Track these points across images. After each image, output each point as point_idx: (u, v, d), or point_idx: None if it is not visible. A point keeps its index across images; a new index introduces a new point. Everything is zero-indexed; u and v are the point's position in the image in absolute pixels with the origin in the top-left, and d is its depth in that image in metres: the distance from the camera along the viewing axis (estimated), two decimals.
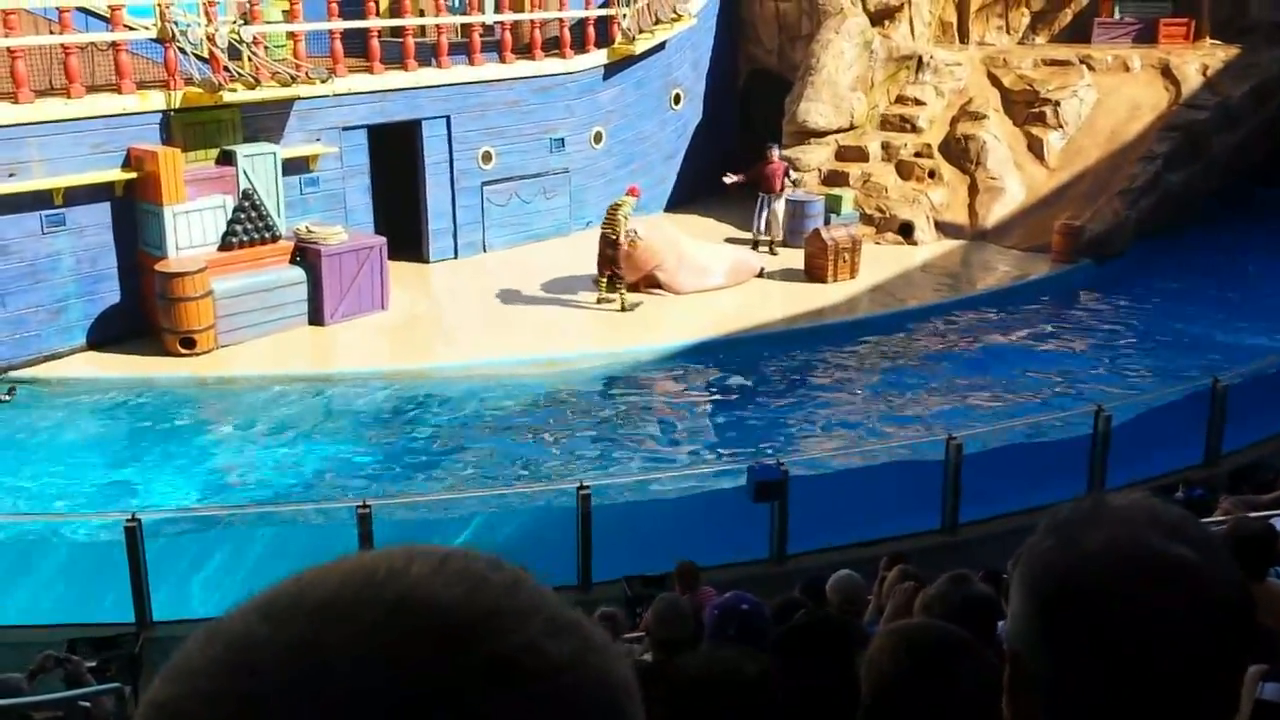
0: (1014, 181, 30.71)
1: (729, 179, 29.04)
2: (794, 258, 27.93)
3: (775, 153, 29.21)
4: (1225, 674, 1.66)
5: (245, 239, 23.45)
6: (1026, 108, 31.88)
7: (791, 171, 29.19)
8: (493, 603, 1.01)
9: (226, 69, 23.40)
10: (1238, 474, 16.47)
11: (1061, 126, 31.28)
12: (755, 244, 28.60)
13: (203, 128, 23.59)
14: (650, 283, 26.01)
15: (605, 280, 25.53)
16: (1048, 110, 31.48)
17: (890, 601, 8.22)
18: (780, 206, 28.73)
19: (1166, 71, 31.87)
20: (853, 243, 27.40)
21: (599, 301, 25.60)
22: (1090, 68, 32.38)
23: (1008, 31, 35.90)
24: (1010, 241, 29.81)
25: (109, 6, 22.72)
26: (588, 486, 14.90)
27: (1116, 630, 1.62)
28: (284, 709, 0.94)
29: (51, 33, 22.44)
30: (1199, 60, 32.00)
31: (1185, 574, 1.64)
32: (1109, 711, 1.63)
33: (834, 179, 30.68)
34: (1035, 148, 31.19)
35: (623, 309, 25.34)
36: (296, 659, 0.96)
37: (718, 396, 22.40)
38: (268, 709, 0.94)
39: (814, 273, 27.14)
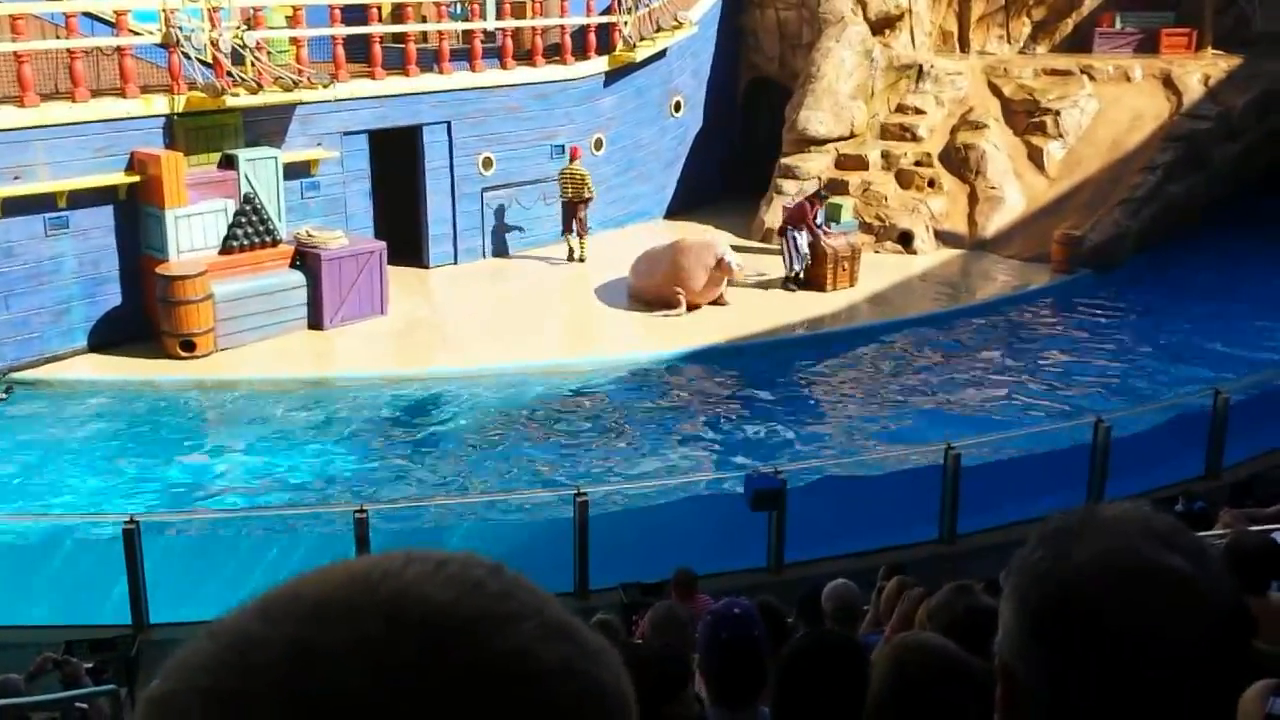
0: (1014, 191, 30.70)
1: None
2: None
3: (805, 193, 29.10)
4: (1221, 685, 1.65)
5: (246, 242, 23.48)
6: (1027, 117, 31.87)
7: (819, 215, 28.11)
8: (484, 606, 1.02)
9: (229, 74, 23.43)
10: (1240, 487, 16.44)
11: (1062, 136, 31.27)
12: (787, 278, 27.86)
13: (205, 132, 23.63)
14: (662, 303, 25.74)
15: (574, 235, 28.87)
16: (1048, 120, 31.48)
17: (898, 608, 8.23)
18: (803, 238, 27.81)
19: (1168, 81, 31.84)
20: (852, 251, 27.40)
21: (575, 256, 29.08)
22: (1091, 77, 32.36)
23: (1008, 41, 35.90)
24: (1010, 251, 29.80)
25: (114, 11, 22.78)
26: (585, 493, 14.90)
27: (1109, 642, 1.61)
28: (275, 707, 0.96)
29: (58, 37, 22.48)
30: (1201, 70, 31.97)
31: (1178, 584, 1.63)
32: None
33: (834, 187, 30.65)
34: (1035, 157, 31.18)
35: (580, 256, 28.86)
36: (289, 658, 0.98)
37: (716, 404, 22.38)
38: (260, 706, 0.96)
39: (814, 281, 27.11)
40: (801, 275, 27.14)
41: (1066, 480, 16.28)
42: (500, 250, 29.29)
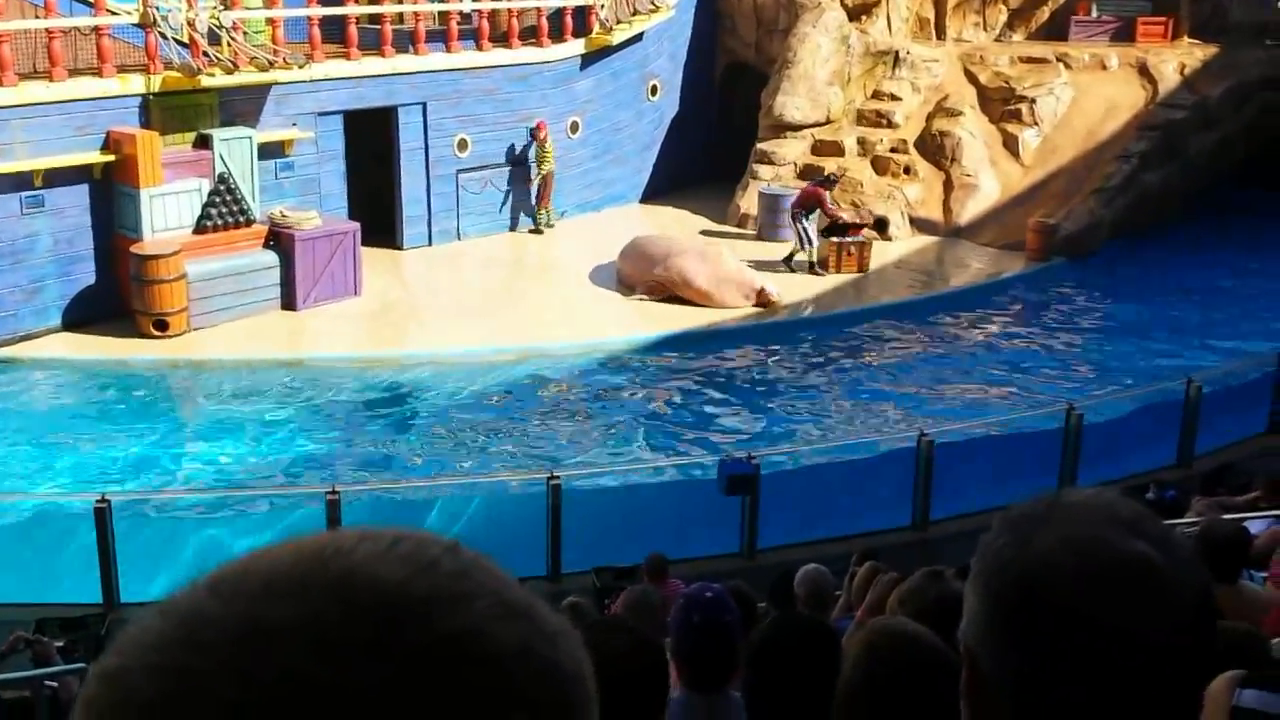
0: (989, 178, 30.73)
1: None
2: (773, 250, 27.88)
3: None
4: (1186, 674, 1.64)
5: (220, 222, 23.40)
6: (1002, 105, 31.91)
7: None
8: (438, 585, 1.00)
9: (206, 54, 23.36)
10: (1211, 476, 16.49)
11: (1037, 124, 31.31)
12: (790, 256, 27.80)
13: (180, 111, 23.55)
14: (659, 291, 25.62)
15: (544, 209, 30.08)
16: (1024, 108, 31.51)
17: (870, 594, 8.24)
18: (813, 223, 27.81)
19: (1144, 70, 31.91)
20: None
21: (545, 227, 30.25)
22: (1067, 65, 32.40)
23: (985, 28, 35.90)
24: (984, 239, 29.84)
25: None
26: (558, 477, 14.90)
27: (1071, 629, 1.59)
28: (223, 684, 0.94)
29: (37, 17, 22.44)
30: (1177, 59, 32.05)
31: (1144, 571, 1.61)
32: (1069, 712, 1.61)
33: (809, 173, 30.65)
34: (1011, 145, 31.22)
35: (549, 224, 30.09)
36: (238, 636, 0.96)
37: (690, 389, 22.35)
38: (207, 683, 0.94)
39: (819, 262, 27.23)
40: (814, 260, 27.19)
41: (1039, 467, 16.34)
42: (476, 232, 29.21)
